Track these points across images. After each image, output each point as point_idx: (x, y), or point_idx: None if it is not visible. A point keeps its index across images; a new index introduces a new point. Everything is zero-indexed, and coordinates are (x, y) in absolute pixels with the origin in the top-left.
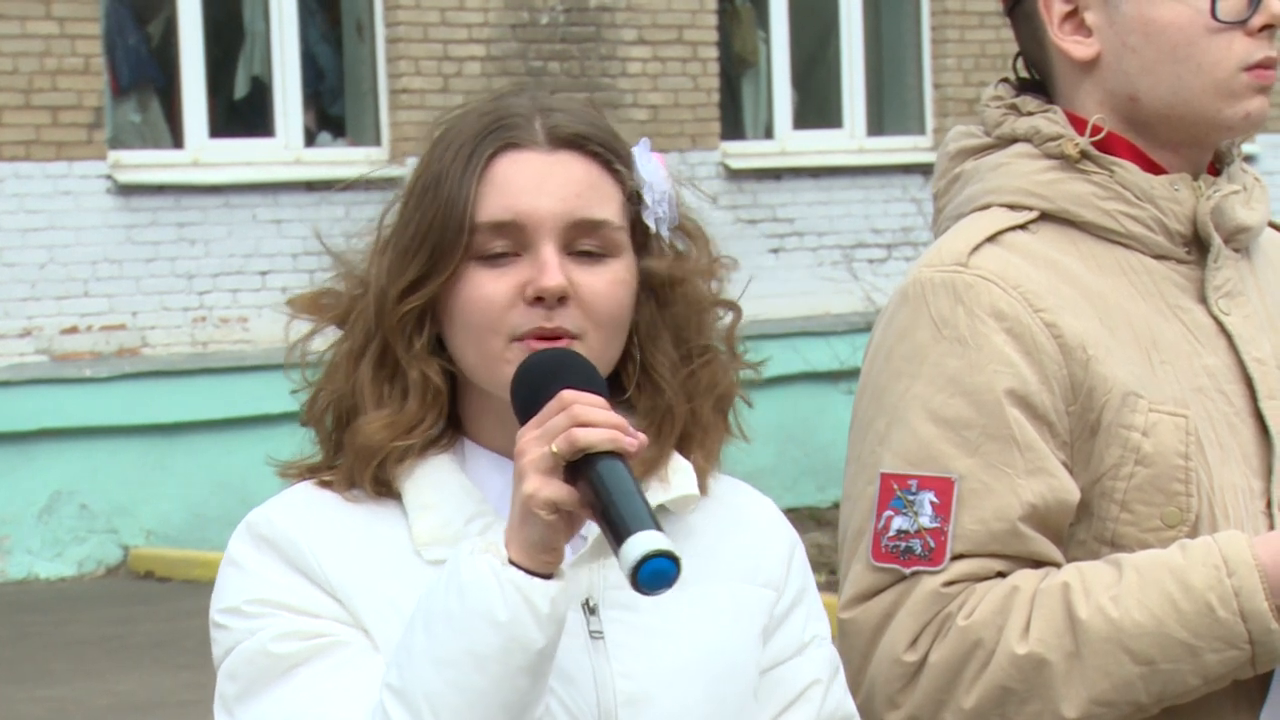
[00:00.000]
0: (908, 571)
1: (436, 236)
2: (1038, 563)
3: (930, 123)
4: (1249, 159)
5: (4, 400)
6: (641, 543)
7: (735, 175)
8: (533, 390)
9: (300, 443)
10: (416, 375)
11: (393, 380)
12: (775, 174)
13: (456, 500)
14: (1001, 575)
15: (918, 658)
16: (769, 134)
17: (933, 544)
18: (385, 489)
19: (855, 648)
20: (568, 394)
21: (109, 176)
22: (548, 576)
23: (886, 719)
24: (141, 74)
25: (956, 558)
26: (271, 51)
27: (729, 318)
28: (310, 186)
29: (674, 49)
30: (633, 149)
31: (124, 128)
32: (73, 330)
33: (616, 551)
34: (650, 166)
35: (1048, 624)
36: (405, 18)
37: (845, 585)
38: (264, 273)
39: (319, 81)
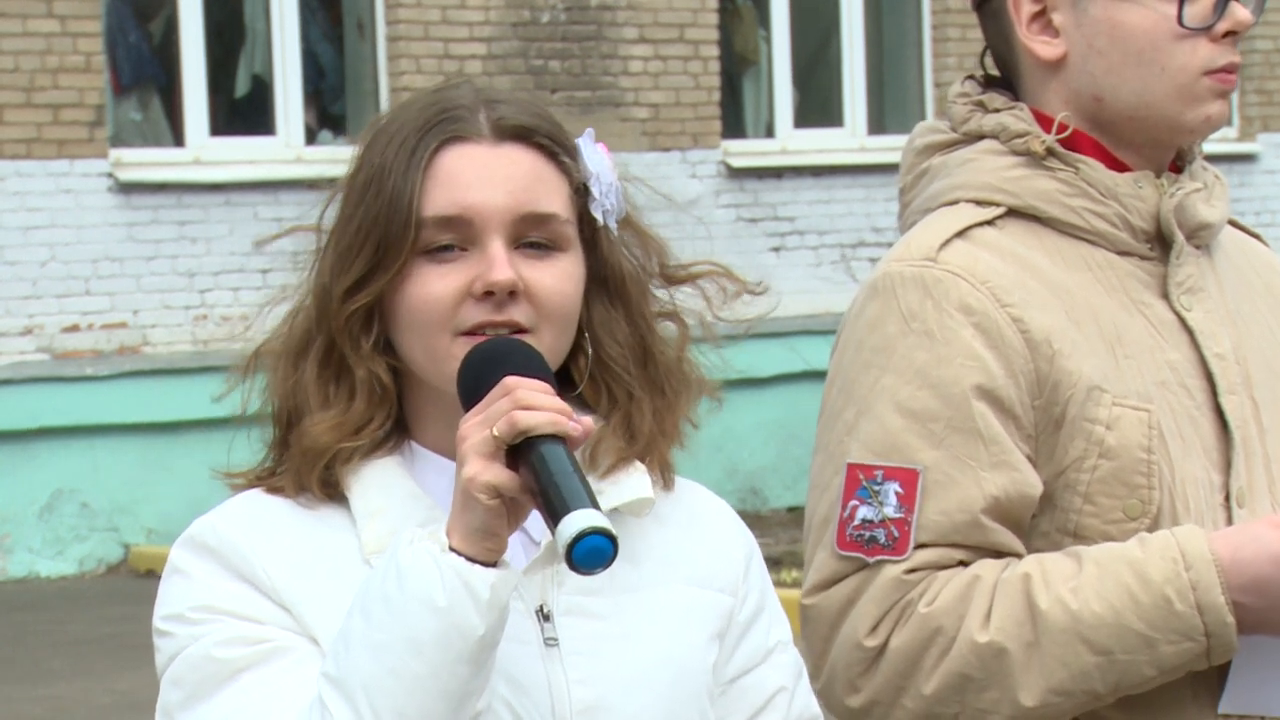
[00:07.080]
0: (871, 560)
1: (381, 232)
2: (999, 553)
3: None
4: (1251, 158)
5: (5, 399)
6: (576, 521)
7: (736, 174)
8: (477, 378)
9: (246, 449)
10: (364, 374)
11: (338, 380)
12: (776, 173)
13: (404, 506)
14: (963, 565)
15: (878, 643)
16: (770, 133)
17: (897, 534)
18: (333, 491)
19: (817, 633)
20: (510, 379)
21: (110, 175)
22: (490, 565)
23: (847, 703)
24: (143, 72)
25: (919, 547)
26: (272, 50)
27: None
28: (311, 185)
29: (675, 48)
30: (577, 140)
31: (125, 126)
32: (74, 328)
33: (553, 531)
34: (596, 158)
35: (1008, 613)
36: (406, 16)
37: (809, 572)
38: (265, 271)
39: (320, 80)
